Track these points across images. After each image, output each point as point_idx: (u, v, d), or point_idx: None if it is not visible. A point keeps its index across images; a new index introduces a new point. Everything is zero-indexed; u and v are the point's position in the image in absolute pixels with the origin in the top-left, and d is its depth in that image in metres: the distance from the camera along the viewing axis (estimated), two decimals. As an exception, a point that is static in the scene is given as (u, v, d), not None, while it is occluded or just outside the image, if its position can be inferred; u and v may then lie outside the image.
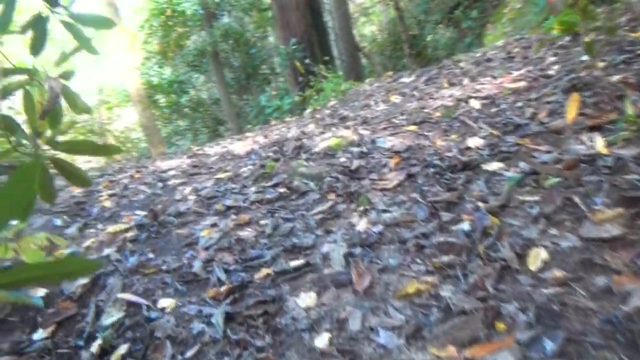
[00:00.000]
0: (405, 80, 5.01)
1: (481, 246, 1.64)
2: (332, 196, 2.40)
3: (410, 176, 2.36)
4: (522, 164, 2.15)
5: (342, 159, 2.83)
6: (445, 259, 1.64)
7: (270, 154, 3.37)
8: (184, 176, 3.32)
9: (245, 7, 8.93)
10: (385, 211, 2.08)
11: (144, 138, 8.68)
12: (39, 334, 1.80)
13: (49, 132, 1.44)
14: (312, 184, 2.61)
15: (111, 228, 2.48)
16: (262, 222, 2.31)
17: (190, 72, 9.49)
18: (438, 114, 3.22)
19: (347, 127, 3.50)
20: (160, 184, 3.17)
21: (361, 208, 2.19)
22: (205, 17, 8.64)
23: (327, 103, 5.65)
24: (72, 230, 2.52)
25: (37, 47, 1.61)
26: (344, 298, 1.60)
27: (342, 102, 5.34)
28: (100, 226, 2.59)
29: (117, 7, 7.91)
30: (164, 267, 2.05)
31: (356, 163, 2.67)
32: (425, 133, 2.92)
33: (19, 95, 1.37)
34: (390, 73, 6.04)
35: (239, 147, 4.07)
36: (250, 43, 8.86)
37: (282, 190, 2.65)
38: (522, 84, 3.27)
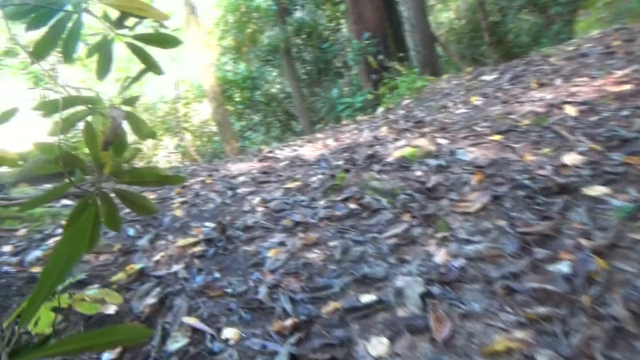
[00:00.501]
0: (487, 77, 4.65)
1: (586, 298, 1.40)
2: (406, 217, 2.22)
3: (495, 198, 2.12)
4: (632, 191, 1.85)
5: (418, 173, 2.63)
6: (541, 310, 1.41)
7: (341, 162, 3.23)
8: (253, 184, 3.27)
9: (318, 1, 8.81)
10: (467, 241, 1.87)
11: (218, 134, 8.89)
12: (107, 356, 1.80)
13: (112, 163, 1.39)
14: (384, 201, 2.44)
15: (181, 241, 2.47)
16: (331, 243, 2.18)
17: (263, 67, 9.57)
18: (527, 121, 2.91)
19: (423, 134, 3.28)
20: (229, 192, 3.14)
21: (439, 234, 1.99)
22: (278, 13, 8.62)
23: (401, 101, 5.41)
24: (144, 241, 2.54)
25: (103, 71, 1.57)
26: (421, 348, 1.43)
27: (417, 101, 5.08)
28: (170, 237, 2.59)
29: (194, 5, 8.09)
30: (229, 290, 1.98)
31: (434, 179, 2.46)
32: (512, 145, 2.64)
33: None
34: (469, 69, 5.66)
35: (309, 151, 3.97)
36: (322, 37, 8.73)
37: (352, 206, 2.50)
38: (627, 87, 2.87)
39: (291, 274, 2.01)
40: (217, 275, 2.14)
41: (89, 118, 1.37)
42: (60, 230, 2.80)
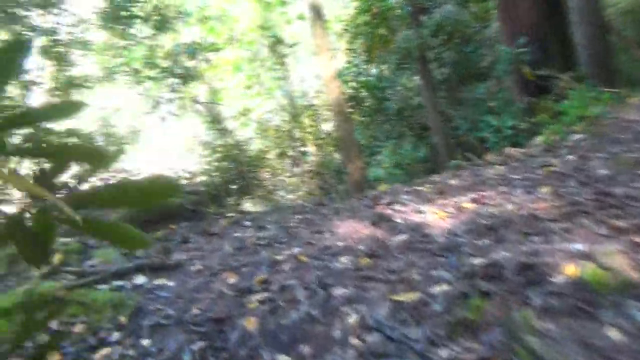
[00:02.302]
0: None
1: None
2: None
3: None
4: None
5: (612, 333, 1.56)
6: None
7: (479, 261, 2.25)
8: (354, 279, 2.45)
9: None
10: None
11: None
12: None
13: None
14: (551, 391, 1.44)
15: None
16: None
17: (395, 72, 8.60)
18: None
19: (616, 232, 2.13)
20: (322, 293, 2.37)
21: None
22: (412, 14, 7.56)
23: (569, 134, 4.10)
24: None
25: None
26: None
27: (594, 138, 3.75)
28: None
29: (321, 10, 7.44)
30: None
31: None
32: None
33: None
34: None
35: (436, 218, 3.03)
36: (465, 39, 7.46)
37: (492, 378, 1.55)
38: None
39: None
40: None
41: None
42: (117, 335, 2.32)
